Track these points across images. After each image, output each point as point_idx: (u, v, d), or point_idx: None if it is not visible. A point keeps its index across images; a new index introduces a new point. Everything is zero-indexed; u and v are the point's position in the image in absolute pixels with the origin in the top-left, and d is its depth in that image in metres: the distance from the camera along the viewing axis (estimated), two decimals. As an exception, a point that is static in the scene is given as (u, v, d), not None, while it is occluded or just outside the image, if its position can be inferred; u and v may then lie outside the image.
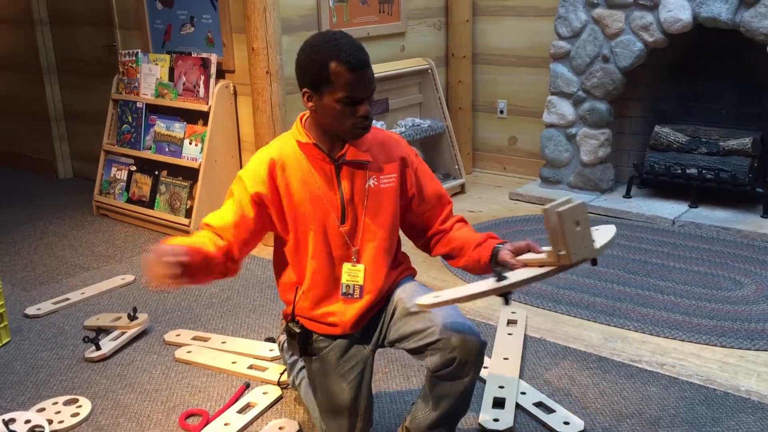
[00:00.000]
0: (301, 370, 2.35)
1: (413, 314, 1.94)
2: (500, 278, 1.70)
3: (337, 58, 1.82)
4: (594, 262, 1.73)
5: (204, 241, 1.92)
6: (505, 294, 1.75)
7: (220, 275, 1.95)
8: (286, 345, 2.42)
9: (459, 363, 1.86)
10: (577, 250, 1.66)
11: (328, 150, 1.96)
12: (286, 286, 2.10)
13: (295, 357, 2.37)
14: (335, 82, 1.83)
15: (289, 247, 2.02)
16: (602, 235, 1.78)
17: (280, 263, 2.10)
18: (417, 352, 1.96)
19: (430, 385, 1.95)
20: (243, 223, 1.96)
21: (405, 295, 2.00)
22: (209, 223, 1.98)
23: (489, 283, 1.71)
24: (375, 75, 1.92)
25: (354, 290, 1.99)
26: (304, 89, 1.91)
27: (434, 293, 1.83)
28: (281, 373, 2.52)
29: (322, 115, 1.91)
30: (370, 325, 2.05)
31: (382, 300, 2.04)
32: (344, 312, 2.01)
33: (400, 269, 2.09)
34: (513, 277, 1.72)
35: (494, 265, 1.86)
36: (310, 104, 1.91)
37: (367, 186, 1.98)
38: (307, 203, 1.96)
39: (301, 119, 2.00)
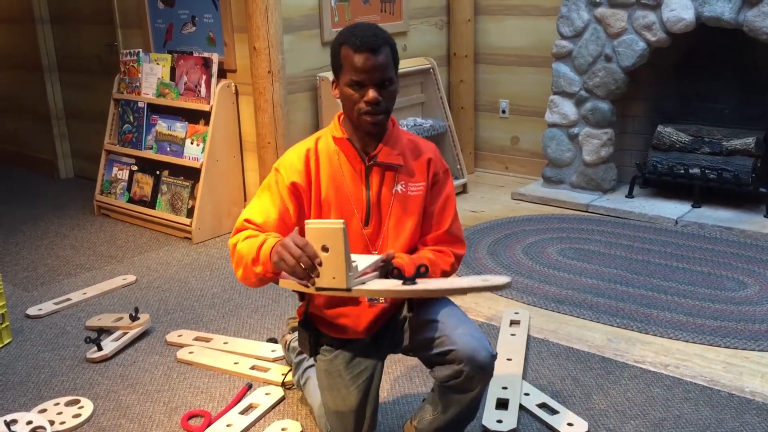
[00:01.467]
0: (306, 370, 2.34)
1: (425, 323, 1.92)
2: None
3: (347, 41, 1.85)
4: (410, 308, 1.67)
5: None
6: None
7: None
8: (291, 344, 2.41)
9: (467, 376, 1.84)
10: (321, 274, 1.62)
11: (360, 148, 1.95)
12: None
13: (300, 357, 2.36)
14: (345, 65, 1.86)
15: None
16: (437, 281, 1.69)
17: None
18: (426, 361, 1.94)
19: (439, 392, 1.94)
20: (286, 216, 1.92)
21: (418, 303, 1.98)
22: (251, 219, 1.91)
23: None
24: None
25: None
26: (333, 78, 1.93)
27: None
28: (285, 374, 2.51)
29: (342, 103, 1.91)
30: (382, 331, 2.03)
31: (398, 304, 2.01)
32: (359, 315, 1.99)
33: None
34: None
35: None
36: (335, 92, 1.92)
37: (394, 191, 1.96)
38: (333, 200, 1.94)
39: (339, 116, 1.99)
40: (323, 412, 2.08)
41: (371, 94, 1.84)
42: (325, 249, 1.63)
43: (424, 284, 1.68)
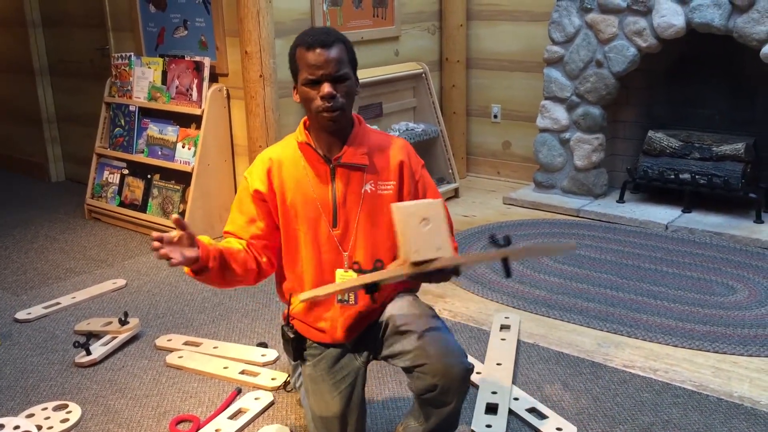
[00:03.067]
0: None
1: (403, 333, 1.92)
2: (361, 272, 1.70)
3: (301, 43, 1.88)
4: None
5: (228, 242, 1.99)
6: (370, 288, 1.70)
7: (251, 273, 1.97)
8: None
9: (441, 390, 1.85)
10: (422, 248, 1.61)
11: (326, 151, 1.96)
12: (283, 289, 2.09)
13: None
14: (300, 66, 1.88)
15: (282, 249, 2.02)
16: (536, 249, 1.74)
17: (280, 266, 2.09)
18: (406, 370, 1.95)
19: (418, 403, 1.95)
20: (252, 221, 2.00)
21: (396, 312, 1.98)
22: (228, 230, 2.03)
23: (356, 279, 1.71)
24: (369, 79, 1.93)
25: (349, 296, 1.98)
26: (294, 84, 1.95)
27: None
28: (288, 375, 2.50)
29: (303, 105, 1.93)
30: (363, 337, 2.03)
31: (377, 310, 2.02)
32: (337, 319, 1.99)
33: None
34: (375, 275, 1.68)
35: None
36: (296, 97, 1.94)
37: (363, 191, 1.96)
38: (300, 204, 1.96)
39: (304, 121, 2.01)
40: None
41: (326, 88, 1.85)
42: (425, 221, 1.62)
43: (512, 247, 1.70)
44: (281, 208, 1.97)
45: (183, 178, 3.98)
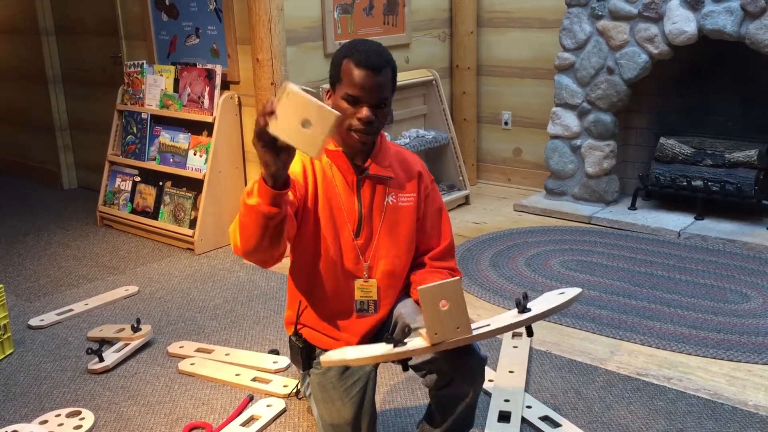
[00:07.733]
0: None
1: (413, 330, 1.92)
2: (396, 345, 1.65)
3: (350, 55, 1.84)
4: (530, 333, 1.67)
5: None
6: (403, 361, 1.69)
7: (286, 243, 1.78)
8: None
9: (456, 383, 1.85)
10: (440, 330, 1.60)
11: (350, 160, 1.96)
12: (294, 297, 2.09)
13: None
14: (344, 79, 1.85)
15: (301, 254, 1.99)
16: (543, 303, 1.70)
17: (293, 273, 2.08)
18: (417, 369, 1.94)
19: (434, 401, 1.95)
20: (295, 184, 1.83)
21: (405, 311, 1.99)
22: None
23: (384, 347, 1.67)
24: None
25: (369, 306, 1.98)
26: (328, 89, 1.93)
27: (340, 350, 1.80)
28: (297, 383, 2.50)
29: None
30: (372, 340, 2.03)
31: (390, 313, 2.02)
32: (354, 327, 1.99)
33: (405, 283, 2.08)
34: (411, 344, 1.65)
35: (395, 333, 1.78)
36: (328, 102, 1.92)
37: (385, 202, 1.98)
38: (326, 211, 1.95)
39: None
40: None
41: (365, 112, 1.84)
42: (440, 304, 1.59)
43: (535, 309, 1.69)
44: (312, 211, 1.92)
45: (194, 185, 4.00)
